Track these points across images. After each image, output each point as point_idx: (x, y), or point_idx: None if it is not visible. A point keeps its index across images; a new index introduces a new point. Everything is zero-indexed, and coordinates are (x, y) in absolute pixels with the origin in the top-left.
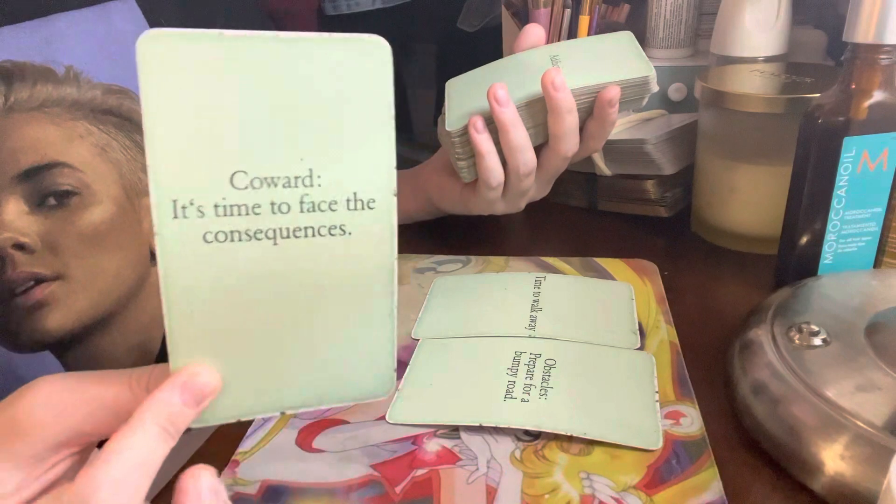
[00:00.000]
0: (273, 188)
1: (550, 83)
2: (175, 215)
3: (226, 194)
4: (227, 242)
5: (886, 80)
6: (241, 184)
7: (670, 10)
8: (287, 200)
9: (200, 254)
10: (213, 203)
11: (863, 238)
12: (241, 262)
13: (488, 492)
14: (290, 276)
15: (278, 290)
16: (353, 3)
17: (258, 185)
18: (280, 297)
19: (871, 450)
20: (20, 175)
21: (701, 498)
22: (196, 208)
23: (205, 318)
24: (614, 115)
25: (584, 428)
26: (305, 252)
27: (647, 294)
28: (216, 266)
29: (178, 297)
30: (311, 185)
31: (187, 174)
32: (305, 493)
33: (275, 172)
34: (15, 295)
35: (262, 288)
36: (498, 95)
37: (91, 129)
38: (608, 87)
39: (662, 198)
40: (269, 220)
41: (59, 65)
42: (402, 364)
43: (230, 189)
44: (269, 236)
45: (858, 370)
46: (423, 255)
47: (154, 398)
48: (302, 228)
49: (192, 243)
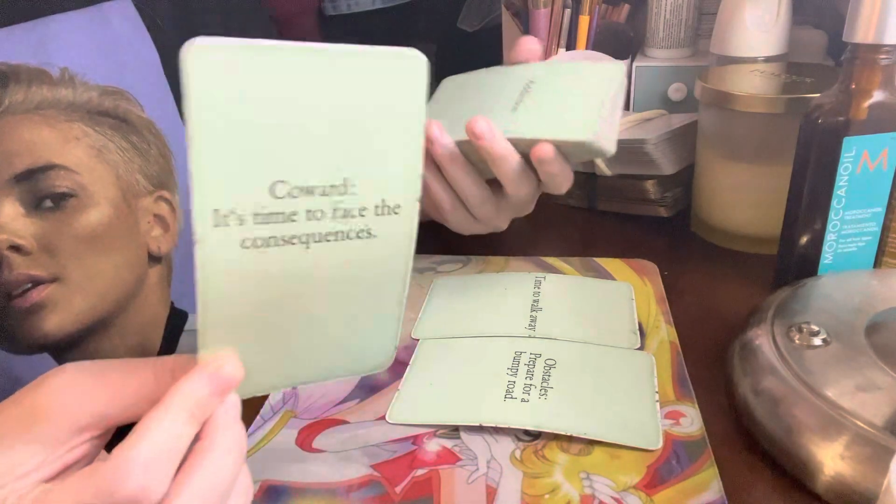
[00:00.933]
0: (310, 196)
1: (471, 132)
2: (216, 224)
3: (266, 203)
4: (263, 248)
5: (886, 80)
6: (281, 193)
7: (670, 10)
8: (322, 207)
9: (237, 259)
10: (253, 211)
11: (863, 238)
12: (274, 265)
13: (488, 492)
14: (316, 274)
15: (303, 286)
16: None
17: (297, 193)
18: (303, 292)
19: (871, 450)
20: (16, 177)
21: (701, 498)
22: (236, 216)
23: (234, 314)
24: (553, 170)
25: (584, 428)
26: (333, 254)
27: (647, 294)
28: (250, 269)
29: (214, 299)
30: (346, 192)
31: (229, 184)
32: (305, 493)
33: (313, 182)
34: (12, 297)
35: (288, 285)
36: (431, 134)
37: (87, 131)
38: (538, 147)
39: (662, 198)
40: (304, 226)
41: (54, 67)
42: (402, 364)
43: (270, 198)
44: (303, 241)
45: (858, 370)
46: (423, 255)
47: (183, 386)
48: (333, 233)
49: (230, 250)
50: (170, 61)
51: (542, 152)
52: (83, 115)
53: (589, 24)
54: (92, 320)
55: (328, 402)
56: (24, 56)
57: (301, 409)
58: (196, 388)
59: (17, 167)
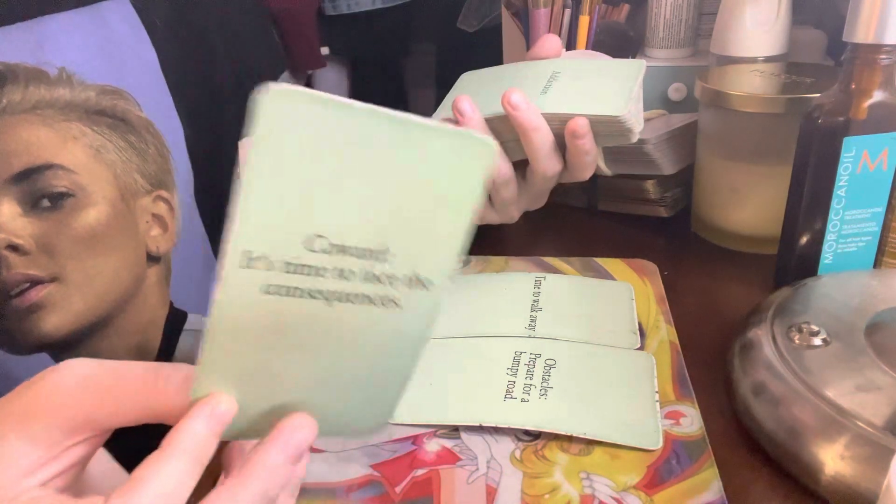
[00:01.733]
0: (344, 255)
1: (507, 101)
2: (244, 265)
3: (300, 254)
4: (286, 297)
5: (886, 80)
6: (318, 247)
7: (670, 10)
8: (354, 269)
9: (256, 302)
10: (285, 260)
11: (863, 238)
12: (292, 315)
13: (488, 492)
14: (331, 332)
15: (315, 341)
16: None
17: (332, 250)
18: (314, 347)
19: (871, 450)
20: (13, 177)
21: (701, 498)
22: (266, 261)
23: (239, 356)
24: (586, 147)
25: (584, 428)
26: (354, 316)
27: (647, 294)
28: (267, 314)
29: (223, 337)
30: (382, 261)
31: (269, 229)
32: (305, 493)
33: (353, 243)
34: (10, 297)
35: (300, 338)
36: (460, 107)
37: (85, 131)
38: (573, 120)
39: (662, 198)
40: (331, 283)
41: (51, 66)
42: None
43: (304, 250)
44: (327, 297)
45: (858, 370)
46: None
47: (183, 428)
48: (359, 296)
49: (252, 292)
50: (168, 60)
51: (577, 125)
52: (81, 115)
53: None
54: (90, 320)
55: None
56: (21, 56)
57: None
58: (196, 429)
59: (14, 167)
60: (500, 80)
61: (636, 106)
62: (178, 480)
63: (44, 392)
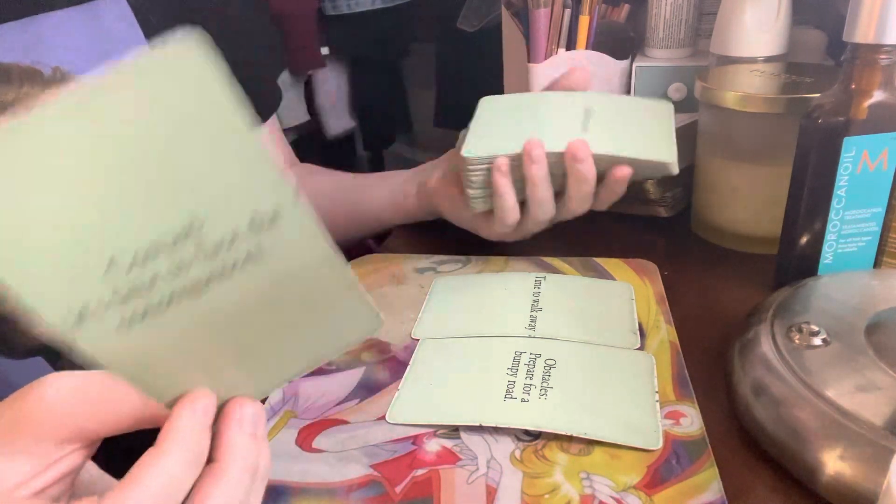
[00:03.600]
0: (160, 255)
1: (572, 156)
2: (78, 324)
3: (115, 284)
4: (150, 318)
5: (886, 80)
6: (125, 266)
7: (670, 10)
8: (184, 256)
9: (129, 338)
10: (108, 299)
11: (863, 238)
12: (177, 324)
13: (488, 492)
14: (235, 306)
15: (227, 321)
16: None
17: (144, 258)
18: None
19: (871, 450)
20: None
21: (701, 498)
22: (95, 309)
23: (172, 372)
24: (622, 190)
25: (584, 428)
26: (234, 286)
27: (647, 294)
28: (152, 338)
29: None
30: (202, 228)
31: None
32: (305, 493)
33: (153, 237)
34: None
35: (212, 329)
36: (534, 154)
37: None
38: (620, 168)
39: (662, 198)
40: (177, 281)
41: (45, 66)
42: (402, 364)
43: (118, 277)
44: (188, 293)
45: (858, 370)
46: (423, 255)
47: (172, 426)
48: (218, 270)
49: (114, 336)
50: None
51: (624, 173)
52: None
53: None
54: None
55: (328, 402)
56: (15, 55)
57: (301, 409)
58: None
59: None
60: (535, 112)
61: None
62: (173, 477)
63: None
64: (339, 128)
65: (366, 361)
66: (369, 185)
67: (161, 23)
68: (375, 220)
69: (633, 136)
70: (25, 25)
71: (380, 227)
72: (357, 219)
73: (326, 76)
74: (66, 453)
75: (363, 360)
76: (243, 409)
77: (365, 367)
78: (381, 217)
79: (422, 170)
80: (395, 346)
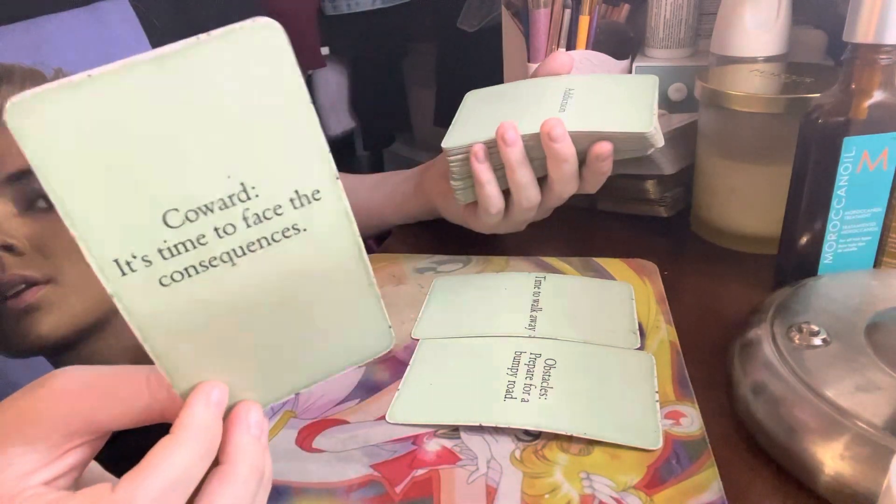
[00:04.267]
0: (211, 214)
1: (547, 134)
2: (123, 273)
3: (165, 237)
4: (185, 279)
5: (886, 80)
6: (176, 222)
7: (670, 10)
8: (230, 221)
9: (162, 298)
10: (156, 248)
11: (863, 238)
12: (206, 292)
13: (488, 492)
14: (260, 286)
15: (253, 301)
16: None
17: (194, 217)
18: (258, 307)
19: (871, 450)
20: (8, 178)
21: (701, 498)
22: (141, 259)
23: (191, 348)
24: (606, 168)
25: (584, 428)
26: (267, 261)
27: (647, 294)
28: (182, 303)
29: (156, 342)
30: (249, 198)
31: (118, 232)
32: (305, 493)
33: (206, 199)
34: (6, 298)
35: (235, 305)
36: (507, 137)
37: None
38: (600, 143)
39: (662, 198)
40: (218, 245)
41: (48, 67)
42: (402, 364)
43: (167, 230)
44: (224, 260)
45: (858, 370)
46: (423, 255)
47: (186, 416)
48: (255, 241)
49: (151, 292)
50: None
51: (604, 149)
52: None
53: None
54: (88, 322)
55: (328, 402)
56: (19, 56)
57: (301, 409)
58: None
59: (9, 167)
60: (515, 99)
61: (657, 120)
62: (187, 467)
63: (43, 397)
64: (339, 127)
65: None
66: (369, 186)
67: (164, 24)
68: (376, 220)
69: (611, 111)
70: (29, 27)
71: (380, 228)
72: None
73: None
74: (75, 445)
75: None
76: (250, 413)
77: (365, 367)
78: (381, 217)
79: (420, 169)
80: (395, 346)
